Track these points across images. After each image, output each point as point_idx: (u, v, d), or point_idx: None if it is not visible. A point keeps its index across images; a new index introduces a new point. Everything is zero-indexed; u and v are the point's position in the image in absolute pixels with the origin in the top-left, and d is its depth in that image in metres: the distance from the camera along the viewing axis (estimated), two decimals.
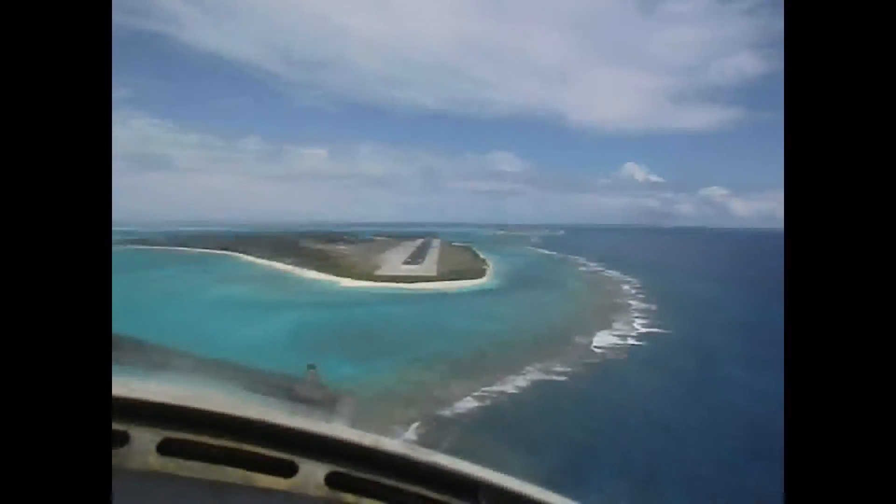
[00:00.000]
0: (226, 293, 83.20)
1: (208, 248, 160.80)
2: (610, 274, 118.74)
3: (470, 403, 36.63)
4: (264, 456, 1.11)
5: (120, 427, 1.04)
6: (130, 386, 1.10)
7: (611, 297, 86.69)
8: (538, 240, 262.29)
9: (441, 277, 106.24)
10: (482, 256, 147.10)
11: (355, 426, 1.25)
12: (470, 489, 1.17)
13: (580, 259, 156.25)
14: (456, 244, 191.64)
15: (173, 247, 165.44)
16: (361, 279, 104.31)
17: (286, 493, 1.09)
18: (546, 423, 33.64)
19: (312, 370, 1.78)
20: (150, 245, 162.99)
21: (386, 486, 1.15)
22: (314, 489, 1.11)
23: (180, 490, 1.04)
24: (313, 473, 1.12)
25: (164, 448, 1.06)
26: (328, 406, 1.47)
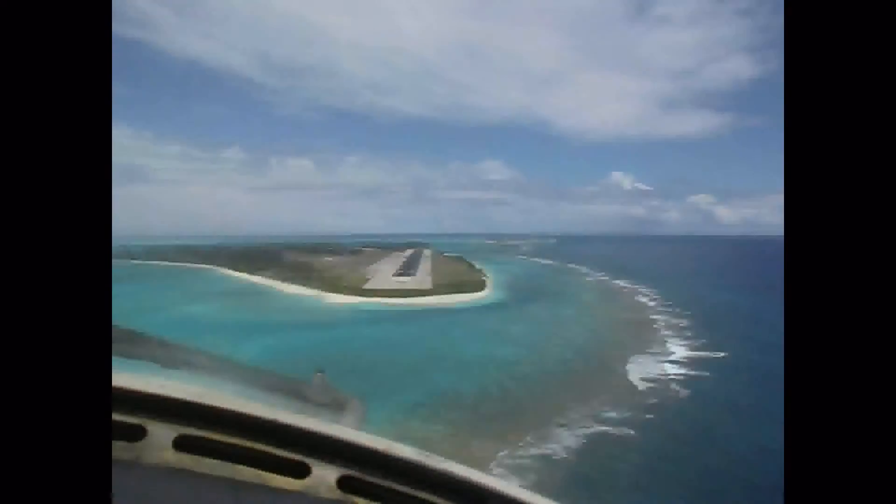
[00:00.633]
0: (193, 312, 70.88)
1: (186, 262, 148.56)
2: (619, 284, 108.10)
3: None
4: (278, 456, 1.11)
5: (137, 421, 1.06)
6: (149, 381, 1.11)
7: (632, 311, 75.67)
8: (530, 248, 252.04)
9: (437, 291, 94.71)
10: (478, 267, 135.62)
11: (363, 430, 1.25)
12: (481, 498, 1.16)
13: (581, 268, 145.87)
14: (447, 254, 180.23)
15: (149, 261, 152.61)
16: (349, 294, 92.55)
17: (299, 494, 1.09)
18: None
19: (321, 374, 1.84)
20: (123, 258, 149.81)
21: (398, 492, 1.14)
22: (326, 491, 1.10)
23: (196, 485, 1.04)
24: (326, 476, 1.12)
25: (181, 444, 1.06)
26: (336, 410, 1.53)
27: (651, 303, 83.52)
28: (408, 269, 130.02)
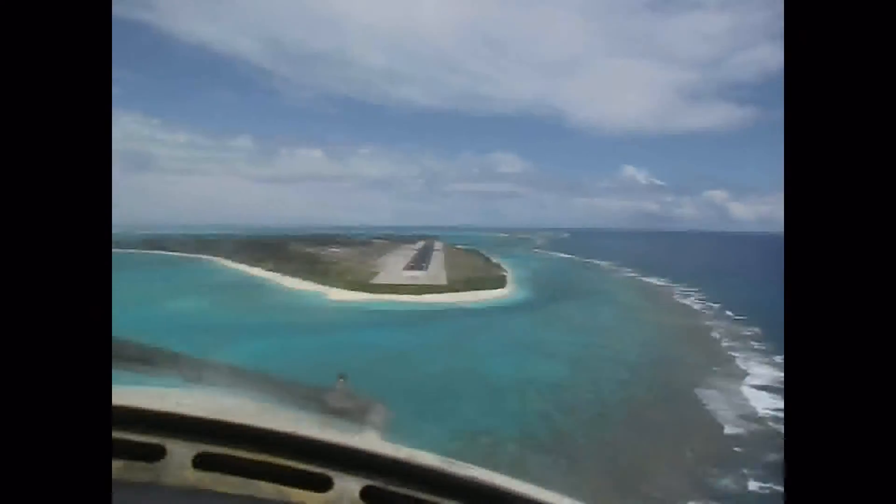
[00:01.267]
0: (179, 308, 60.78)
1: (185, 252, 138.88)
2: (652, 282, 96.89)
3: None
4: (299, 470, 1.09)
5: (156, 441, 1.05)
6: (167, 399, 1.12)
7: (680, 315, 64.72)
8: (544, 243, 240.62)
9: (453, 287, 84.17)
10: (494, 261, 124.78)
11: (386, 437, 1.26)
12: (507, 503, 1.13)
13: (604, 263, 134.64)
14: (460, 247, 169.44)
15: (149, 250, 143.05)
16: (355, 289, 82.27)
17: None
18: None
19: (342, 380, 1.79)
20: (122, 248, 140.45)
21: (422, 501, 1.12)
22: (349, 503, 1.08)
23: None
24: (348, 488, 1.09)
25: (200, 462, 1.05)
26: (359, 416, 1.49)
27: (696, 305, 72.55)
28: (419, 262, 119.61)
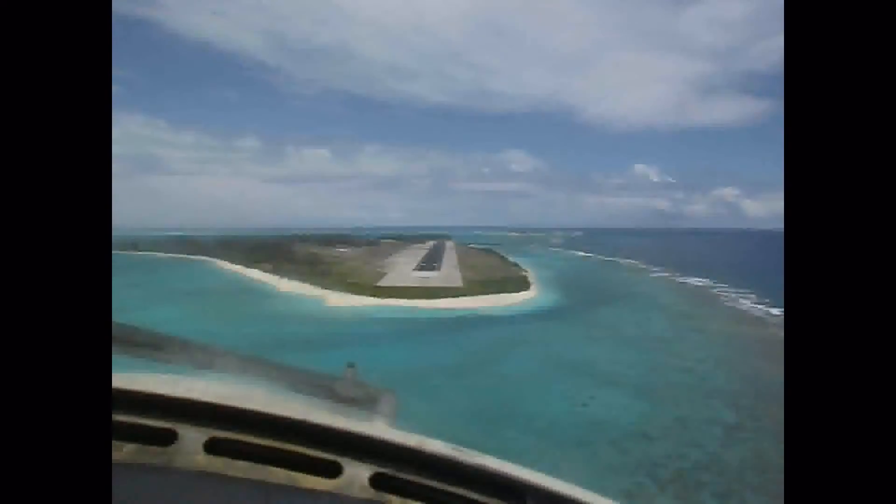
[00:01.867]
0: (152, 317, 49.84)
1: (184, 253, 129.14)
2: (692, 282, 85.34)
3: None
4: (309, 456, 1.09)
5: (168, 425, 1.06)
6: (178, 385, 1.12)
7: (747, 324, 53.00)
8: (559, 241, 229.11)
9: (471, 290, 73.10)
10: (512, 260, 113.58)
11: (396, 425, 1.24)
12: (518, 492, 1.12)
13: (630, 262, 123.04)
14: (473, 246, 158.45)
15: (146, 251, 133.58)
16: (360, 292, 71.38)
17: (331, 494, 1.06)
18: None
19: (351, 368, 1.66)
20: (120, 250, 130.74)
21: (432, 488, 1.11)
22: (359, 490, 1.08)
23: (227, 488, 1.03)
24: (358, 474, 1.09)
25: (211, 447, 1.06)
26: (369, 404, 1.48)
27: (756, 309, 60.93)
28: (430, 262, 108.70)
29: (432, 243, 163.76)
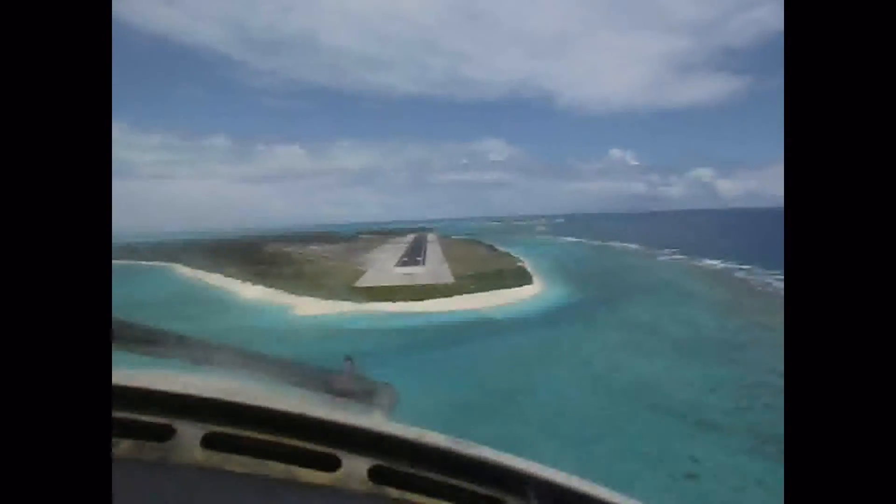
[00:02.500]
0: None
1: (143, 260, 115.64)
2: (711, 264, 75.26)
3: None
4: (307, 450, 1.08)
5: (165, 421, 1.05)
6: (175, 380, 1.11)
7: None
8: (544, 228, 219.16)
9: (465, 287, 61.80)
10: (502, 250, 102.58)
11: (394, 419, 1.24)
12: (517, 483, 1.12)
13: (630, 245, 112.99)
14: (456, 238, 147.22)
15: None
16: (336, 296, 59.65)
17: (330, 488, 1.06)
18: None
19: (349, 362, 1.67)
20: None
21: (430, 480, 1.10)
22: (357, 483, 1.07)
23: (225, 483, 1.02)
24: (356, 468, 1.08)
25: (209, 442, 1.05)
26: (366, 398, 1.49)
27: None
28: (413, 256, 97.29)
29: (412, 236, 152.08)
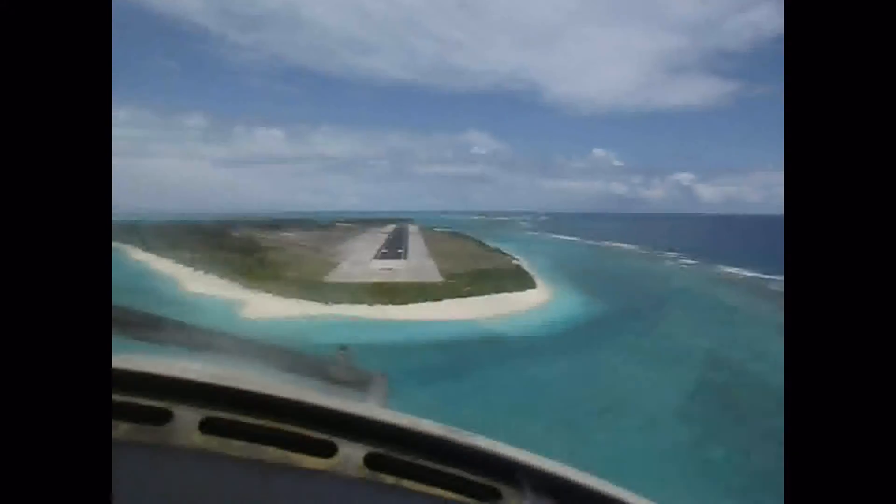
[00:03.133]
0: None
1: None
2: (731, 272, 65.51)
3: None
4: (304, 436, 1.08)
5: (163, 405, 1.04)
6: (174, 365, 1.10)
7: None
8: (530, 225, 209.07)
9: (454, 287, 50.92)
10: (492, 246, 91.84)
11: (388, 407, 1.24)
12: (510, 471, 1.13)
13: (628, 246, 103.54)
14: (439, 230, 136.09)
15: None
16: (299, 292, 48.31)
17: (327, 473, 1.06)
18: None
19: (344, 351, 1.74)
20: None
21: (425, 468, 1.11)
22: (353, 470, 1.07)
23: (222, 468, 1.02)
24: (352, 454, 1.08)
25: (207, 426, 1.04)
26: (361, 387, 1.50)
27: None
28: (394, 248, 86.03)
29: (393, 226, 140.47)
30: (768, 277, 59.36)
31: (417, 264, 67.72)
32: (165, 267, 65.01)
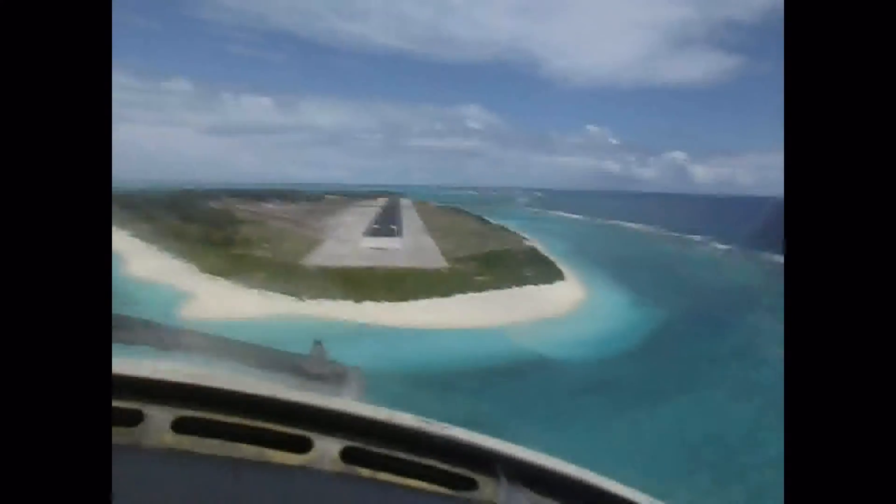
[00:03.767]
0: None
1: None
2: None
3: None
4: (279, 432, 1.07)
5: (134, 406, 1.03)
6: (143, 366, 1.09)
7: None
8: (529, 201, 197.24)
9: (465, 278, 39.85)
10: (496, 224, 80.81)
11: (364, 401, 1.23)
12: (487, 462, 1.12)
13: (642, 227, 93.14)
14: (434, 205, 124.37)
15: None
16: (268, 280, 37.28)
17: (302, 469, 1.05)
18: None
19: (318, 346, 1.73)
20: None
21: (402, 460, 1.10)
22: (329, 464, 1.06)
23: (196, 466, 1.01)
24: (328, 449, 1.07)
25: (179, 426, 1.03)
26: (336, 381, 1.48)
27: None
28: (387, 223, 74.68)
29: (384, 200, 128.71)
30: None
31: (415, 243, 56.72)
32: (116, 241, 53.47)
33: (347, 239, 58.61)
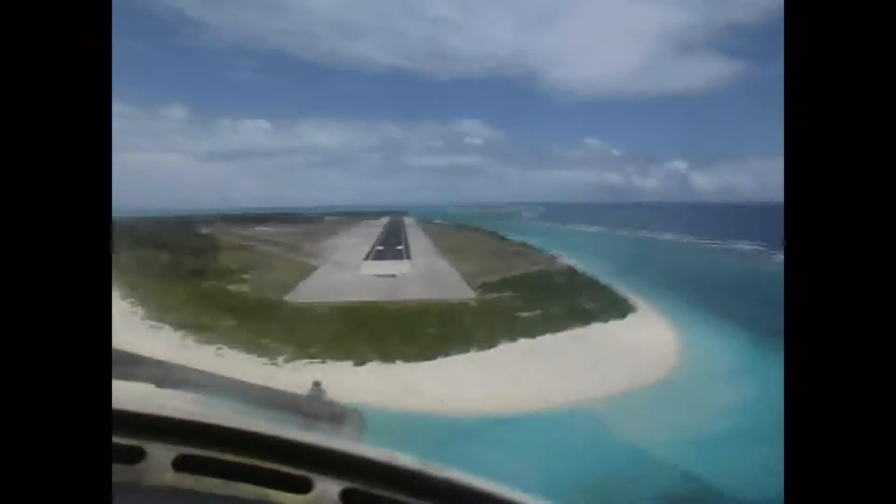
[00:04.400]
0: None
1: None
2: None
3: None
4: (279, 472, 1.06)
5: (135, 443, 1.02)
6: (147, 401, 1.08)
7: None
8: (532, 215, 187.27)
9: (505, 313, 28.73)
10: (516, 241, 69.93)
11: (362, 441, 1.22)
12: None
13: (674, 237, 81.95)
14: (441, 223, 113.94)
15: None
16: (240, 325, 26.03)
17: None
18: None
19: (317, 386, 1.68)
20: None
21: (401, 503, 1.08)
22: None
23: None
24: (328, 490, 1.05)
25: (180, 464, 1.02)
26: (335, 421, 1.54)
27: None
28: (392, 244, 63.95)
29: (387, 219, 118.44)
30: None
31: (426, 267, 45.77)
32: None
33: (345, 264, 47.81)
